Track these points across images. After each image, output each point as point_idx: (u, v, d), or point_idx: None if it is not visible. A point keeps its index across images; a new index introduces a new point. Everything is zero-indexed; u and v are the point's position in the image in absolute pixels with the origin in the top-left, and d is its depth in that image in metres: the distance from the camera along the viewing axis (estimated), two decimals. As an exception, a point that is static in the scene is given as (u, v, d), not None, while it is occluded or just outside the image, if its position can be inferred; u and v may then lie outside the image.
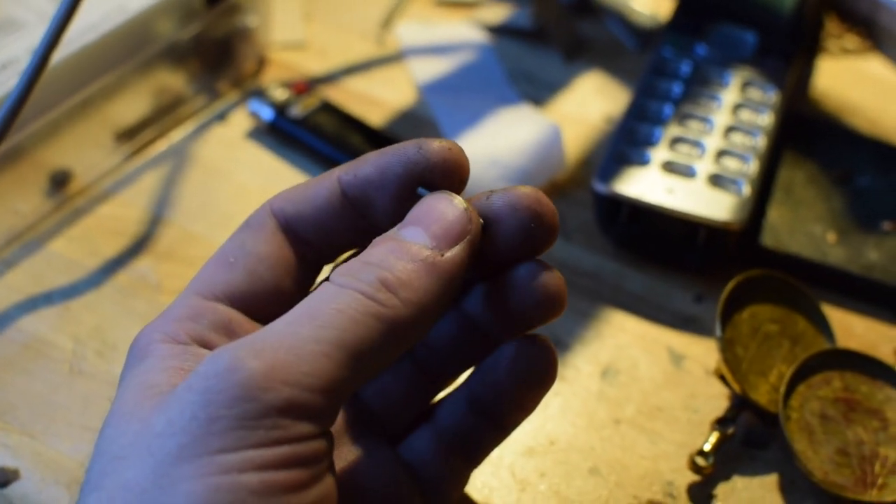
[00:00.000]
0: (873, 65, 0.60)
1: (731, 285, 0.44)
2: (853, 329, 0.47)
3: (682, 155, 0.49)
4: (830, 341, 0.45)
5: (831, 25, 0.61)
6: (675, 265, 0.49)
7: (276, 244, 0.33)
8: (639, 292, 0.48)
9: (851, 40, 0.61)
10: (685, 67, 0.53)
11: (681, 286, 0.48)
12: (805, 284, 0.46)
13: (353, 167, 0.32)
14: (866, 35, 0.61)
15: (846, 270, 0.47)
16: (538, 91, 0.57)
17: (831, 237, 0.49)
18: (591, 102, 0.57)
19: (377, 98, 0.56)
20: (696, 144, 0.49)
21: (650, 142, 0.49)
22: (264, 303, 0.33)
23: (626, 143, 0.49)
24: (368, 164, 0.32)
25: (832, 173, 0.51)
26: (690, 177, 0.48)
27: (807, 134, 0.53)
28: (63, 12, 0.42)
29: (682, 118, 0.50)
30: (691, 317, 0.47)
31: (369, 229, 0.32)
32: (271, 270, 0.33)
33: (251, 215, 0.34)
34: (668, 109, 0.51)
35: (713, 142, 0.49)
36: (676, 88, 0.52)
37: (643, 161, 0.48)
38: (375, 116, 0.55)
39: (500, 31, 0.60)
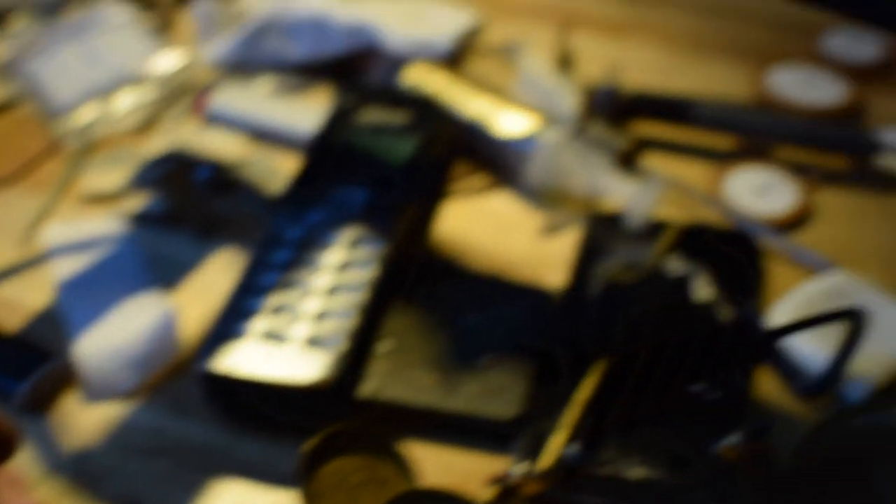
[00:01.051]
0: (497, 200, 0.65)
1: (310, 444, 0.48)
2: (451, 465, 0.50)
3: (281, 322, 0.52)
4: (411, 481, 0.48)
5: (460, 168, 0.66)
6: (282, 427, 0.51)
7: None
8: (250, 458, 0.50)
9: (479, 179, 0.66)
10: (295, 234, 0.56)
11: (293, 445, 0.50)
12: (401, 428, 0.49)
13: None
14: (493, 172, 0.66)
15: (434, 409, 0.50)
16: (171, 273, 0.60)
17: (431, 379, 0.52)
18: (219, 278, 0.60)
19: (16, 302, 0.58)
20: (295, 309, 0.52)
21: (251, 312, 0.52)
22: None
23: (229, 317, 0.52)
24: None
25: (440, 316, 0.55)
26: (287, 342, 0.51)
27: (419, 280, 0.56)
28: None
29: (286, 285, 0.53)
30: (300, 475, 0.50)
31: None
32: None
33: None
34: (272, 278, 0.54)
35: (313, 304, 0.52)
36: (284, 256, 0.55)
37: (241, 333, 0.51)
38: (12, 321, 0.57)
39: (140, 219, 0.63)
